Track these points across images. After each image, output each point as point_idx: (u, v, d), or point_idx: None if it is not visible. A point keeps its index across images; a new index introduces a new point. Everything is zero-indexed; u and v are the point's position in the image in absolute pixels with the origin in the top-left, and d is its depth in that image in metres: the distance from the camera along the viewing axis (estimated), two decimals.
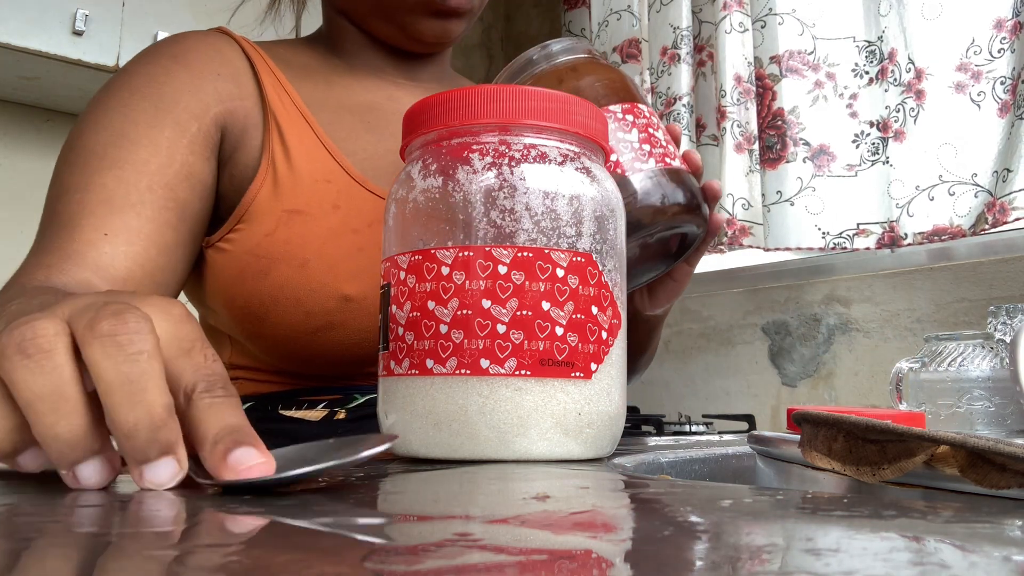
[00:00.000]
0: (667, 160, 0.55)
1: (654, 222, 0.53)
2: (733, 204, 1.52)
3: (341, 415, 0.65)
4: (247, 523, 0.22)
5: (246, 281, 0.62)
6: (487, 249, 0.39)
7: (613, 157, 0.53)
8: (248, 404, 0.67)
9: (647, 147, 0.54)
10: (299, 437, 0.63)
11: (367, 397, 0.66)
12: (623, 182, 0.53)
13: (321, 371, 0.65)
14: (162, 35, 1.46)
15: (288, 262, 0.61)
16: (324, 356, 0.63)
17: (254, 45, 0.69)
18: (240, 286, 0.62)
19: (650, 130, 0.55)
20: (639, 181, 0.53)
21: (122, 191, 0.57)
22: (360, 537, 0.21)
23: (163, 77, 0.62)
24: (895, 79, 1.37)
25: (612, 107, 0.55)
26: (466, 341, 0.39)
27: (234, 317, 0.64)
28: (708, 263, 1.64)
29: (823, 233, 1.43)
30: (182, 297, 0.71)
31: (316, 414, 0.65)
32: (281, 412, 0.65)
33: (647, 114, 0.56)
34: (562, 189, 0.41)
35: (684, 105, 1.59)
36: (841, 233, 1.42)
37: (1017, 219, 1.18)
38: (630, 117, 0.55)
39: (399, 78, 0.74)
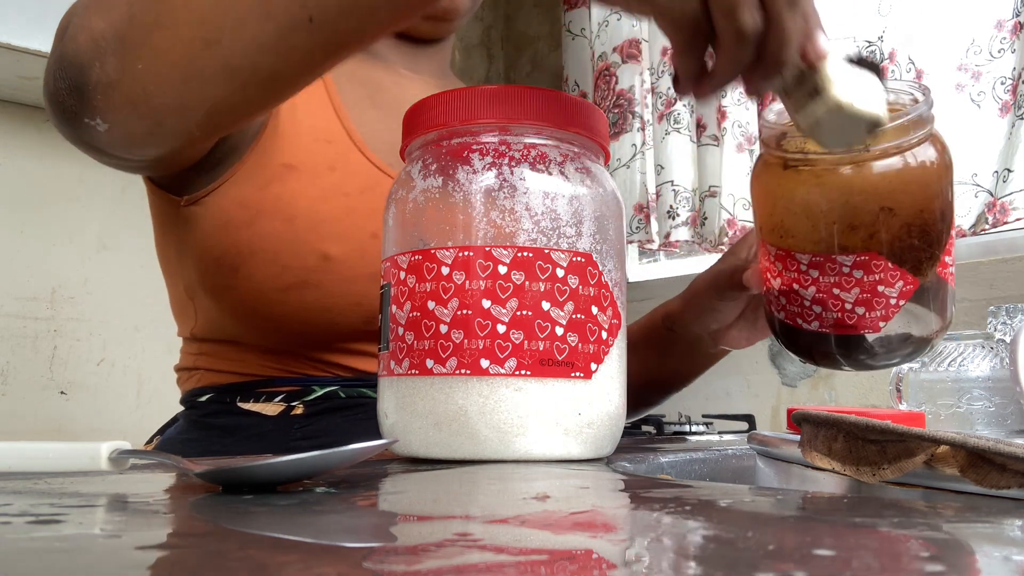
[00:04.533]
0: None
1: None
2: (734, 204, 1.52)
3: (299, 410, 0.63)
4: (247, 523, 0.22)
5: (228, 231, 0.60)
6: (487, 249, 0.39)
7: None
8: (207, 396, 0.65)
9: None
10: (256, 432, 0.62)
11: (326, 390, 0.64)
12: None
13: (287, 338, 0.63)
14: None
15: (274, 216, 0.59)
16: (293, 318, 0.61)
17: None
18: (220, 235, 0.60)
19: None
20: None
21: None
22: (360, 537, 0.21)
23: None
24: (895, 79, 1.37)
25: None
26: (466, 341, 0.39)
27: (206, 268, 0.61)
28: (708, 262, 1.64)
29: None
30: (154, 259, 0.69)
31: (273, 408, 0.63)
32: (239, 405, 0.64)
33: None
34: (562, 189, 0.41)
35: (684, 105, 1.59)
36: None
37: (1018, 219, 1.18)
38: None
39: (402, 68, 0.75)
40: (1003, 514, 0.23)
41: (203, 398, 0.66)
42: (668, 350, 0.69)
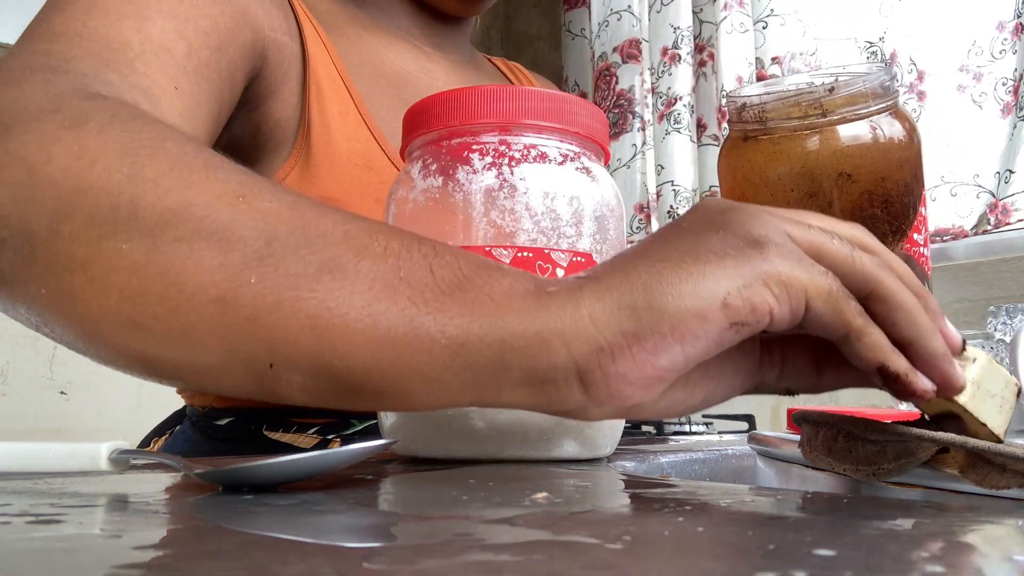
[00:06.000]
0: None
1: None
2: None
3: (335, 444, 0.57)
4: (247, 522, 0.22)
5: None
6: (487, 249, 0.39)
7: None
8: (226, 419, 0.58)
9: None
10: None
11: (366, 424, 0.59)
12: None
13: None
14: None
15: None
16: None
17: None
18: None
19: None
20: None
21: (183, 46, 0.45)
22: (360, 537, 0.21)
23: None
24: (897, 80, 1.37)
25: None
26: None
27: None
28: None
29: None
30: None
31: (307, 440, 0.57)
32: (266, 433, 0.57)
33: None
34: (562, 189, 0.41)
35: (685, 105, 1.59)
36: None
37: (1020, 220, 1.18)
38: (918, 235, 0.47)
39: (426, 46, 0.68)
40: (1003, 514, 0.23)
41: (221, 421, 0.58)
42: None
